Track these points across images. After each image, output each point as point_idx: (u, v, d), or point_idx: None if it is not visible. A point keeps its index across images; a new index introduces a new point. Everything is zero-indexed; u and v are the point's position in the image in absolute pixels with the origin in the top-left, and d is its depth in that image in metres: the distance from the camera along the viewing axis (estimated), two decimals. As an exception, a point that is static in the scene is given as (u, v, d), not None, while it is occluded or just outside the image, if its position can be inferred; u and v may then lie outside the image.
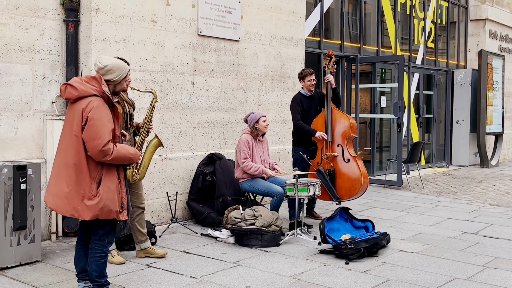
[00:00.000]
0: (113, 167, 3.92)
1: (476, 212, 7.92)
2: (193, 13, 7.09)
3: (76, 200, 3.83)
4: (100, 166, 3.87)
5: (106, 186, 3.86)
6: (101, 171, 3.87)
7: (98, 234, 4.04)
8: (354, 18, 11.16)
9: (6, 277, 4.72)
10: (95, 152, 3.79)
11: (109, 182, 3.88)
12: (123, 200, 3.97)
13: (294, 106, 7.06)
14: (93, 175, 3.85)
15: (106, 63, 3.98)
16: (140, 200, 5.33)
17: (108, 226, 4.04)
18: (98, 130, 3.79)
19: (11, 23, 5.63)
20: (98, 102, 3.86)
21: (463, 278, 4.88)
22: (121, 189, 3.97)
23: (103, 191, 3.85)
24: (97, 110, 3.82)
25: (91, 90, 3.88)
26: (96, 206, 3.83)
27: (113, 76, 4.01)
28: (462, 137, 13.65)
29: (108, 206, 3.86)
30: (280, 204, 6.29)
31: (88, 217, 3.85)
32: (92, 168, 3.85)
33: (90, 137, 3.79)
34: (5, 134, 5.64)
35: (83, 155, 3.83)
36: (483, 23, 14.26)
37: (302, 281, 4.75)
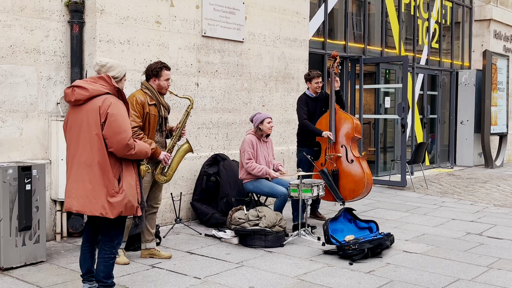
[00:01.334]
0: (130, 163, 3.96)
1: (481, 213, 7.90)
2: (197, 14, 7.11)
3: (102, 197, 3.84)
4: (119, 162, 3.90)
5: (127, 182, 3.90)
6: (120, 167, 3.91)
7: (109, 235, 4.05)
8: (358, 18, 11.15)
9: (11, 277, 4.75)
10: (120, 147, 3.82)
11: (130, 178, 3.93)
12: (138, 196, 4.01)
13: (300, 106, 7.07)
14: (114, 172, 3.88)
15: (106, 61, 4.06)
16: (156, 200, 5.38)
17: (120, 227, 4.06)
18: (122, 124, 3.83)
19: (16, 24, 5.66)
20: (114, 99, 3.91)
21: (467, 279, 4.88)
22: (137, 185, 4.01)
23: (126, 188, 3.88)
24: (116, 106, 3.87)
25: (102, 89, 3.91)
26: (121, 203, 3.86)
27: (115, 72, 4.07)
28: (467, 137, 13.63)
29: (131, 201, 3.90)
30: (284, 205, 6.30)
31: (114, 215, 3.86)
32: (113, 165, 3.88)
33: (114, 132, 3.81)
34: (10, 135, 5.66)
35: (105, 152, 3.85)
36: (488, 24, 14.23)
37: (306, 281, 4.76)
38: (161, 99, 5.19)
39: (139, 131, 4.93)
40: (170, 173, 5.23)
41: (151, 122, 5.05)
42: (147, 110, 5.00)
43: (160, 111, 5.14)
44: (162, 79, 5.16)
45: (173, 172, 5.26)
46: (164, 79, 5.17)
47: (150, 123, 5.04)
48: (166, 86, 5.20)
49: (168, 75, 5.21)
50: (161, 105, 5.17)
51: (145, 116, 5.00)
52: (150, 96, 5.09)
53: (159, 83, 5.16)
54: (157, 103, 5.12)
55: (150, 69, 5.18)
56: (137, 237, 5.55)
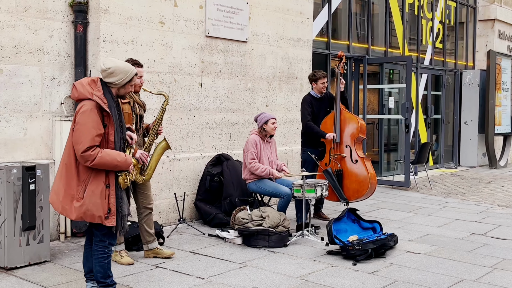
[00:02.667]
0: (101, 172, 3.90)
1: (485, 213, 7.88)
2: (201, 14, 7.11)
3: (66, 199, 3.90)
4: (89, 170, 3.88)
5: (90, 190, 3.88)
6: (90, 174, 3.88)
7: (98, 236, 4.07)
8: (362, 18, 11.14)
9: (15, 277, 4.76)
10: (78, 156, 3.85)
11: (94, 186, 3.88)
12: (110, 206, 3.92)
13: (304, 107, 7.05)
14: (82, 177, 3.89)
15: (109, 66, 3.95)
16: (148, 200, 5.34)
17: (105, 229, 4.03)
18: (80, 135, 3.82)
19: (20, 24, 5.67)
20: (89, 106, 3.85)
21: (471, 280, 4.87)
22: (109, 195, 3.92)
23: (87, 195, 3.87)
24: (84, 115, 3.83)
25: (86, 93, 3.89)
26: (80, 209, 3.87)
27: (116, 79, 3.97)
28: (471, 137, 13.60)
29: (91, 210, 3.87)
30: (287, 205, 6.29)
31: (73, 217, 3.92)
32: (81, 170, 3.89)
33: (74, 141, 3.86)
34: (14, 135, 5.68)
35: (73, 157, 3.89)
36: (492, 24, 14.20)
37: (309, 282, 4.75)
38: (135, 97, 5.12)
39: None
40: (149, 172, 5.06)
41: (126, 121, 4.98)
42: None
43: (135, 109, 5.09)
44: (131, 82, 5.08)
45: (152, 171, 5.10)
46: (136, 76, 5.09)
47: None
48: (139, 84, 5.12)
49: (141, 72, 5.13)
50: (135, 103, 5.11)
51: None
52: None
53: None
54: (132, 102, 5.06)
55: None
56: (140, 237, 5.54)
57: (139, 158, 4.74)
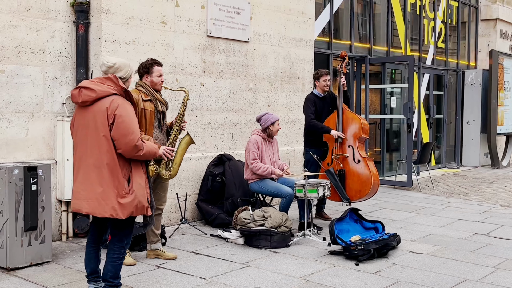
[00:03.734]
0: (139, 164, 3.96)
1: (487, 213, 7.87)
2: (203, 14, 7.11)
3: (113, 199, 3.84)
4: (127, 163, 3.90)
5: (137, 182, 3.90)
6: (129, 168, 3.90)
7: (118, 236, 4.04)
8: (364, 18, 11.13)
9: (17, 278, 4.75)
10: (129, 148, 3.81)
11: (139, 178, 3.92)
12: (148, 196, 4.01)
13: (307, 106, 7.05)
14: (124, 173, 3.88)
15: (114, 62, 4.03)
16: (161, 201, 5.37)
17: (129, 227, 4.05)
18: (129, 126, 3.82)
19: (22, 25, 5.67)
20: (121, 100, 3.89)
21: (474, 280, 4.85)
22: (147, 185, 4.01)
23: (136, 188, 3.88)
24: (123, 107, 3.85)
25: (109, 89, 3.89)
26: (131, 203, 3.86)
27: (122, 73, 4.05)
28: (473, 137, 13.58)
29: (141, 202, 3.90)
30: (289, 205, 6.29)
31: (125, 215, 3.86)
32: (122, 166, 3.88)
33: (122, 133, 3.80)
34: (16, 135, 5.67)
35: (114, 154, 3.84)
36: (494, 23, 14.18)
37: (311, 282, 4.74)
38: (157, 95, 5.16)
39: None
40: (175, 168, 5.14)
41: (148, 118, 5.01)
42: (141, 106, 4.97)
43: (157, 106, 5.12)
44: (154, 75, 5.14)
45: (177, 167, 5.17)
46: (156, 75, 5.14)
47: (146, 119, 5.01)
48: (159, 82, 5.17)
49: (160, 71, 5.17)
50: (157, 100, 5.14)
51: (140, 113, 4.97)
52: (145, 92, 5.07)
53: (151, 80, 5.14)
54: (153, 99, 5.10)
55: (141, 66, 5.18)
56: (143, 238, 5.55)
57: (162, 153, 4.77)
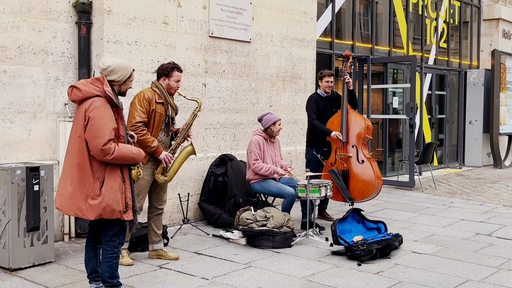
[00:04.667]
0: (116, 167, 3.94)
1: (490, 213, 7.85)
2: (204, 14, 7.11)
3: (80, 199, 3.88)
4: (103, 166, 3.90)
5: (108, 185, 3.89)
6: (104, 171, 3.90)
7: (109, 235, 4.06)
8: (366, 18, 11.12)
9: (19, 278, 4.76)
10: (96, 152, 3.83)
11: (112, 181, 3.90)
12: (127, 200, 3.98)
13: (310, 106, 7.04)
14: (96, 175, 3.89)
15: (108, 64, 4.02)
16: (161, 201, 5.37)
17: (118, 227, 4.05)
18: (99, 129, 3.83)
19: (24, 25, 5.68)
20: (100, 102, 3.90)
21: (477, 280, 4.84)
22: (125, 189, 3.98)
23: (106, 191, 3.88)
24: (98, 110, 3.86)
25: (94, 91, 3.92)
26: (99, 206, 3.86)
27: (117, 76, 4.04)
28: (475, 137, 13.55)
29: (111, 205, 3.88)
30: (291, 205, 6.28)
31: (92, 217, 3.89)
32: (95, 168, 3.89)
33: (91, 136, 3.84)
34: (18, 135, 5.68)
35: (86, 155, 3.88)
36: (496, 23, 14.15)
37: (314, 282, 4.74)
38: (169, 99, 5.20)
39: (142, 127, 4.95)
40: (171, 174, 5.20)
41: (156, 120, 5.05)
42: (153, 107, 5.02)
43: (168, 110, 5.15)
44: (173, 79, 5.17)
45: (173, 173, 5.22)
46: (174, 79, 5.18)
47: (155, 121, 5.05)
48: (175, 87, 5.21)
49: (179, 77, 5.21)
50: (169, 104, 5.18)
51: (150, 113, 5.01)
52: (159, 94, 5.11)
53: (168, 83, 5.17)
54: (165, 102, 5.13)
55: (162, 68, 5.20)
56: (145, 238, 5.55)
57: (163, 158, 4.76)
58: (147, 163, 5.08)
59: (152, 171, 5.16)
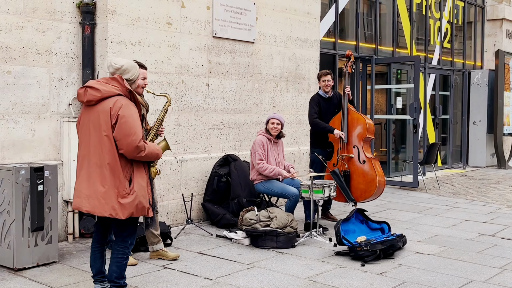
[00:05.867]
0: (141, 165, 3.97)
1: (494, 214, 7.84)
2: (208, 15, 7.11)
3: (113, 199, 3.85)
4: (130, 164, 3.91)
5: (138, 183, 3.91)
6: (131, 168, 3.92)
7: (122, 236, 4.06)
8: (369, 18, 11.11)
9: (23, 278, 4.77)
10: (131, 149, 3.83)
11: (140, 179, 3.93)
12: (149, 197, 4.03)
13: (311, 105, 7.05)
14: (125, 173, 3.89)
15: (121, 63, 4.04)
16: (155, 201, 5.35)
17: (131, 227, 4.06)
18: (132, 126, 3.83)
19: (28, 26, 5.69)
20: (125, 101, 3.91)
21: (481, 281, 4.83)
22: (148, 186, 4.02)
23: (137, 188, 3.89)
24: (127, 108, 3.87)
25: (114, 90, 3.91)
26: (132, 204, 3.87)
27: (130, 75, 4.07)
28: (479, 138, 13.53)
29: (142, 202, 3.91)
30: (295, 206, 6.28)
31: (125, 216, 3.87)
32: (123, 166, 3.89)
33: (124, 134, 3.82)
34: (22, 136, 5.69)
35: (116, 154, 3.86)
36: (500, 23, 14.12)
37: (317, 283, 4.74)
38: (138, 98, 5.11)
39: None
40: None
41: None
42: None
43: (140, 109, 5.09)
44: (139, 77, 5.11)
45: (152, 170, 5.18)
46: (140, 78, 5.11)
47: None
48: (142, 85, 5.10)
49: (145, 74, 5.10)
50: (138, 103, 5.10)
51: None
52: None
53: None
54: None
55: None
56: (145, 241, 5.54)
57: None
58: None
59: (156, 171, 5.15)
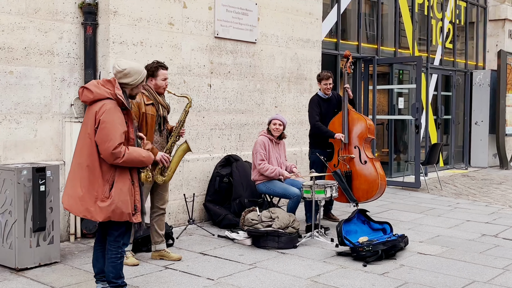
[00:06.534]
0: (126, 170, 3.96)
1: (496, 214, 7.83)
2: (210, 15, 7.11)
3: (89, 201, 3.89)
4: (113, 168, 3.91)
5: (118, 188, 3.91)
6: (114, 173, 3.91)
7: (113, 236, 4.08)
8: (371, 19, 11.10)
9: (25, 278, 4.77)
10: (106, 155, 3.84)
11: (122, 184, 3.92)
12: (136, 202, 4.00)
13: (312, 108, 7.03)
14: (106, 177, 3.90)
15: (124, 67, 4.01)
16: (162, 202, 5.36)
17: (123, 228, 4.07)
18: (109, 132, 3.84)
19: (31, 26, 5.70)
20: (111, 105, 3.91)
21: (483, 281, 4.83)
22: (134, 192, 4.00)
23: (115, 193, 3.89)
24: (109, 113, 3.87)
25: (105, 93, 3.93)
26: (108, 208, 3.88)
27: (130, 80, 4.04)
28: (481, 138, 13.51)
29: (120, 208, 3.90)
30: (297, 206, 6.28)
31: (101, 218, 3.90)
32: (105, 170, 3.90)
33: (102, 139, 3.84)
34: (24, 136, 5.70)
35: (96, 157, 3.88)
36: (502, 23, 14.11)
37: (319, 283, 4.73)
38: (159, 99, 5.16)
39: None
40: (169, 174, 5.17)
41: (149, 122, 5.02)
42: (143, 110, 4.98)
43: (159, 110, 5.12)
44: (159, 78, 5.14)
45: (172, 173, 5.20)
46: (161, 78, 5.14)
47: (147, 123, 5.02)
48: (163, 86, 5.17)
49: (165, 75, 5.17)
50: (159, 104, 5.14)
51: (141, 117, 4.97)
52: (147, 96, 5.07)
53: (156, 83, 5.15)
54: (155, 103, 5.10)
55: (147, 69, 5.17)
56: (150, 238, 5.55)
57: (160, 159, 4.78)
58: None
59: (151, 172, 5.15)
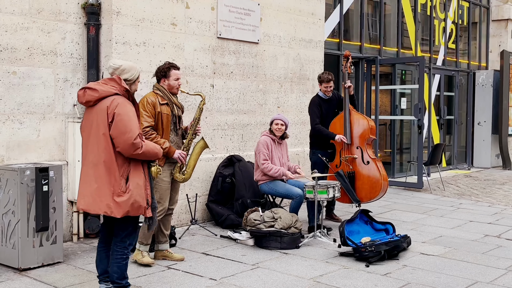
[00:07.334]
0: (139, 163, 3.98)
1: (499, 215, 7.82)
2: (213, 15, 7.12)
3: (107, 196, 3.87)
4: (127, 162, 3.92)
5: (135, 182, 3.92)
6: (128, 167, 3.93)
7: (120, 236, 4.07)
8: (374, 19, 11.10)
9: (28, 278, 4.78)
10: (126, 146, 3.84)
11: (137, 178, 3.94)
12: (148, 196, 4.02)
13: (312, 109, 7.01)
14: (121, 171, 3.90)
15: (120, 63, 4.10)
16: (172, 201, 5.38)
17: (130, 228, 4.07)
18: (127, 124, 3.86)
19: (34, 27, 5.71)
20: (122, 99, 3.95)
21: (485, 282, 4.82)
22: (146, 186, 4.02)
23: (133, 187, 3.90)
24: (123, 106, 3.90)
25: (111, 90, 3.96)
26: (127, 202, 3.88)
27: (128, 75, 4.10)
28: (484, 138, 13.49)
29: (138, 201, 3.92)
30: (299, 206, 6.28)
31: (120, 214, 3.88)
32: (120, 164, 3.91)
33: (120, 131, 3.84)
34: (27, 136, 5.71)
35: (111, 152, 3.88)
36: (505, 24, 14.08)
37: (322, 283, 4.73)
38: (173, 99, 5.20)
39: (151, 131, 4.97)
40: (189, 171, 5.25)
41: (164, 122, 5.07)
42: (158, 110, 5.03)
43: (173, 110, 5.16)
44: (172, 78, 5.17)
45: (191, 170, 5.27)
46: (173, 78, 5.17)
47: (163, 123, 5.06)
48: (176, 86, 5.21)
49: (177, 75, 5.21)
50: (173, 104, 5.18)
51: (157, 116, 5.03)
52: (162, 96, 5.12)
53: (169, 83, 5.18)
54: (170, 103, 5.14)
55: (159, 70, 5.22)
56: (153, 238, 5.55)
57: (178, 157, 4.80)
58: (164, 165, 5.10)
59: (170, 172, 5.18)
